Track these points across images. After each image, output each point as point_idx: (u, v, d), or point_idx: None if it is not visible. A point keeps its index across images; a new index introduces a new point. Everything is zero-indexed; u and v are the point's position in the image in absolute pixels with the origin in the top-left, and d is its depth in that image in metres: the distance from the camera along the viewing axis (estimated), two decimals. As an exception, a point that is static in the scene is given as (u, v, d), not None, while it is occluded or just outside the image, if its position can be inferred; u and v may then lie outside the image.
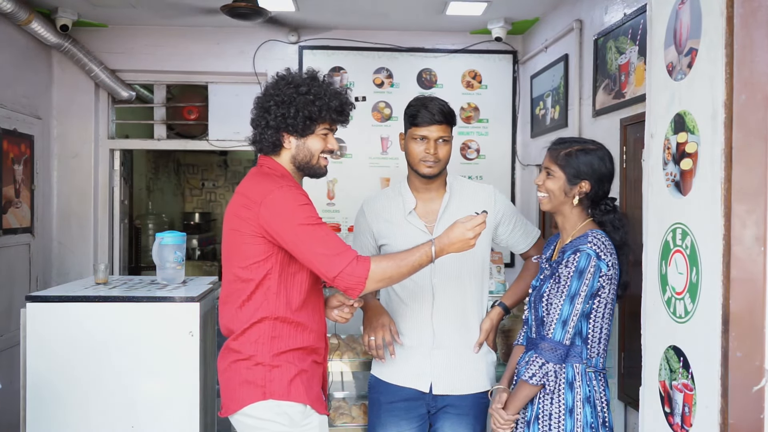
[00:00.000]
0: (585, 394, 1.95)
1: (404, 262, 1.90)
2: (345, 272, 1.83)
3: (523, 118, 4.49)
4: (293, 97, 1.95)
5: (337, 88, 2.02)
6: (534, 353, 1.97)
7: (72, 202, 4.38)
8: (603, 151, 2.05)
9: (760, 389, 1.30)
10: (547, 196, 2.05)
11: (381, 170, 4.48)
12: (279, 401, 1.90)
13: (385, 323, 2.23)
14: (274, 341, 1.92)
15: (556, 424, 1.95)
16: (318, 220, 1.89)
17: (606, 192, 2.05)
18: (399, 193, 2.33)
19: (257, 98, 2.04)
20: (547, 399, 1.97)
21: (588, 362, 1.97)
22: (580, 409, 1.94)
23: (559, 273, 1.96)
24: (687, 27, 1.51)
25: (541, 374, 1.93)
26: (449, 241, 1.91)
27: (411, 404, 2.25)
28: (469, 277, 2.27)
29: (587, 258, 1.91)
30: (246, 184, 2.00)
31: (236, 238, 1.94)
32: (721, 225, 1.36)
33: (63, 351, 2.39)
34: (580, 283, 1.91)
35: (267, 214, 1.87)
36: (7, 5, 3.47)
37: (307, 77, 2.01)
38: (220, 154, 8.22)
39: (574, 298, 1.91)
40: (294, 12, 3.97)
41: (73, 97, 4.38)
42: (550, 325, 1.94)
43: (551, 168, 2.04)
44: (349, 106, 2.05)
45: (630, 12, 2.84)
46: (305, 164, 2.02)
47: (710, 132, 1.40)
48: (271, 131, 1.97)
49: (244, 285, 1.93)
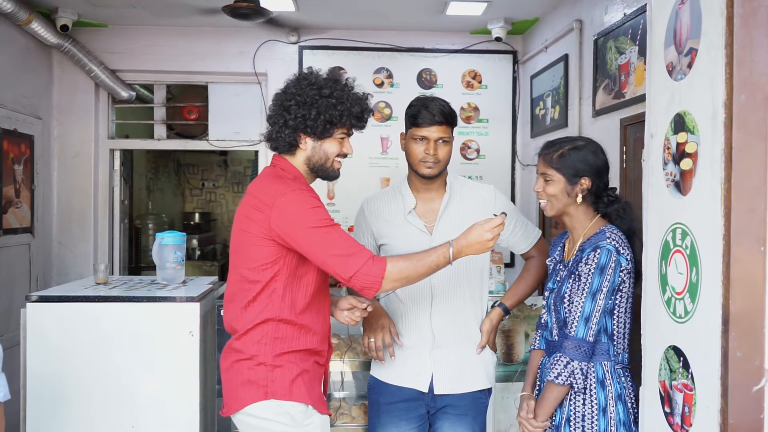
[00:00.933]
0: (617, 391, 1.91)
1: (421, 263, 1.88)
2: (361, 272, 1.82)
3: (523, 118, 4.49)
4: (315, 99, 1.93)
5: (358, 94, 2.00)
6: (558, 353, 1.94)
7: (72, 202, 4.39)
8: (593, 144, 2.04)
9: (760, 389, 1.30)
10: (549, 202, 2.02)
11: (381, 170, 4.48)
12: (281, 401, 1.90)
13: (385, 325, 2.22)
14: (276, 342, 1.92)
15: (590, 424, 1.90)
16: (330, 221, 1.88)
17: (606, 184, 2.03)
18: (399, 192, 2.32)
19: (277, 95, 2.01)
20: (578, 400, 1.92)
21: (615, 359, 1.94)
22: (612, 408, 1.90)
23: (578, 271, 1.93)
24: (687, 27, 1.51)
25: (567, 373, 1.89)
26: (467, 243, 1.90)
27: (411, 405, 2.25)
28: (469, 278, 2.27)
29: (608, 254, 1.89)
30: (258, 184, 1.99)
31: (245, 239, 1.93)
32: (721, 225, 1.36)
33: (63, 351, 2.39)
34: (602, 279, 1.89)
35: (279, 218, 1.85)
36: (7, 5, 3.47)
37: (330, 79, 1.97)
38: (220, 154, 8.21)
39: (596, 294, 1.89)
40: (294, 12, 3.98)
41: (73, 97, 4.38)
42: (573, 323, 1.91)
43: (548, 173, 2.01)
44: (369, 113, 2.04)
45: (630, 12, 2.84)
46: (320, 166, 2.02)
47: (710, 132, 1.40)
48: (289, 131, 1.95)
49: (250, 286, 1.92)
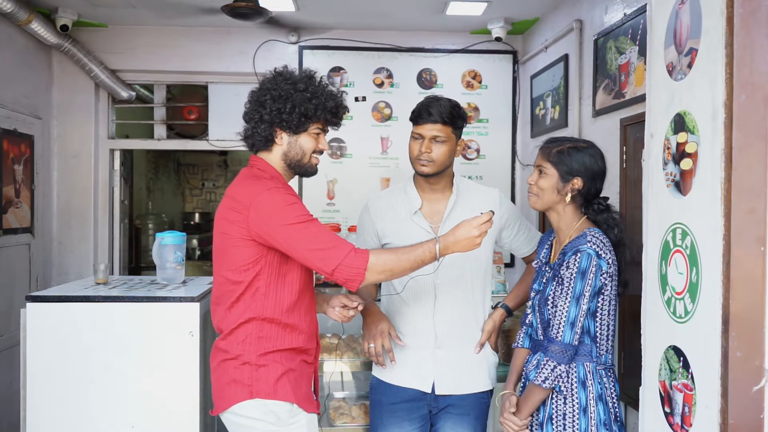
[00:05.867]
0: (597, 392, 1.94)
1: (405, 256, 1.89)
2: (343, 264, 1.82)
3: (523, 118, 4.49)
4: (290, 93, 1.95)
5: (333, 90, 2.03)
6: (544, 356, 1.96)
7: (72, 202, 4.38)
8: (594, 149, 2.05)
9: (760, 389, 1.30)
10: (537, 195, 2.05)
11: (381, 170, 4.48)
12: (265, 400, 1.91)
13: (384, 330, 2.20)
14: (261, 341, 1.93)
15: (570, 423, 1.94)
16: (309, 217, 1.88)
17: (598, 190, 2.05)
18: (404, 192, 2.32)
19: (252, 92, 2.03)
20: (560, 399, 1.96)
21: (598, 360, 1.97)
22: (593, 408, 1.93)
23: (561, 275, 1.96)
24: (687, 27, 1.51)
25: (554, 377, 1.93)
26: (455, 240, 1.90)
27: (413, 405, 2.25)
28: (472, 278, 2.27)
29: (588, 258, 1.91)
30: (235, 186, 2.00)
31: (225, 241, 1.94)
32: (721, 225, 1.36)
33: (63, 351, 2.39)
34: (584, 283, 1.91)
35: (256, 217, 1.86)
36: (7, 5, 3.46)
37: (305, 75, 2.01)
38: (220, 154, 8.21)
39: (579, 299, 1.91)
40: (294, 12, 3.97)
41: (73, 97, 4.37)
42: (559, 328, 1.93)
43: (543, 165, 2.04)
44: (344, 109, 2.05)
45: (630, 12, 2.84)
46: (297, 162, 2.02)
47: (710, 132, 1.40)
48: (265, 125, 1.97)
49: (234, 287, 1.93)
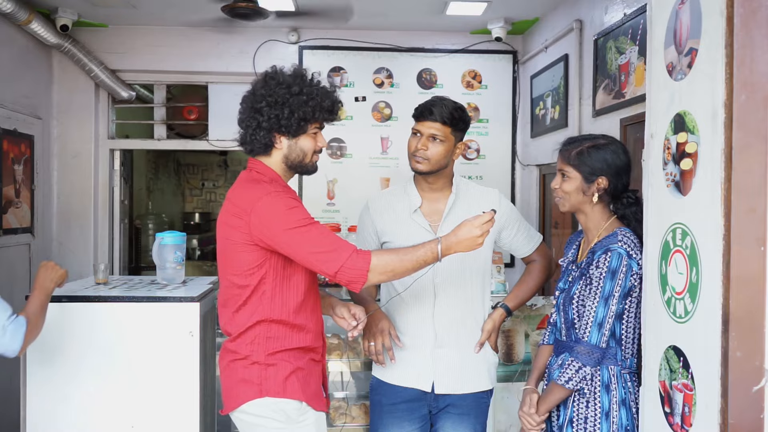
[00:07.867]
0: (621, 396, 1.89)
1: (407, 257, 1.88)
2: (345, 266, 1.82)
3: (523, 118, 4.49)
4: (286, 98, 1.92)
5: (326, 87, 2.01)
6: (569, 356, 1.92)
7: (72, 202, 4.39)
8: (616, 144, 1.99)
9: (760, 389, 1.30)
10: (562, 198, 2.00)
11: (381, 170, 4.48)
12: (275, 398, 1.91)
13: (385, 328, 2.20)
14: (269, 341, 1.93)
15: (592, 427, 1.89)
16: (310, 220, 1.88)
17: (626, 185, 1.98)
18: (404, 191, 2.33)
19: (245, 97, 2.00)
20: (582, 402, 1.91)
21: (623, 363, 1.91)
22: (616, 412, 1.88)
23: (590, 274, 1.91)
24: (687, 27, 1.51)
25: (578, 378, 1.88)
26: (457, 240, 1.89)
27: (413, 405, 2.25)
28: (472, 278, 2.27)
29: (619, 257, 1.85)
30: (235, 190, 1.99)
31: (229, 246, 1.94)
32: (721, 225, 1.36)
33: (63, 351, 2.39)
34: (614, 283, 1.85)
35: (258, 222, 1.85)
36: (7, 5, 3.47)
37: (297, 76, 1.97)
38: (220, 154, 8.21)
39: (608, 299, 1.86)
40: (294, 12, 3.98)
41: (73, 97, 4.38)
42: (586, 328, 1.88)
43: (565, 169, 1.98)
44: (339, 105, 2.05)
45: (630, 12, 2.84)
46: (298, 163, 2.01)
47: (710, 132, 1.40)
48: (264, 132, 1.95)
49: (240, 291, 1.93)
